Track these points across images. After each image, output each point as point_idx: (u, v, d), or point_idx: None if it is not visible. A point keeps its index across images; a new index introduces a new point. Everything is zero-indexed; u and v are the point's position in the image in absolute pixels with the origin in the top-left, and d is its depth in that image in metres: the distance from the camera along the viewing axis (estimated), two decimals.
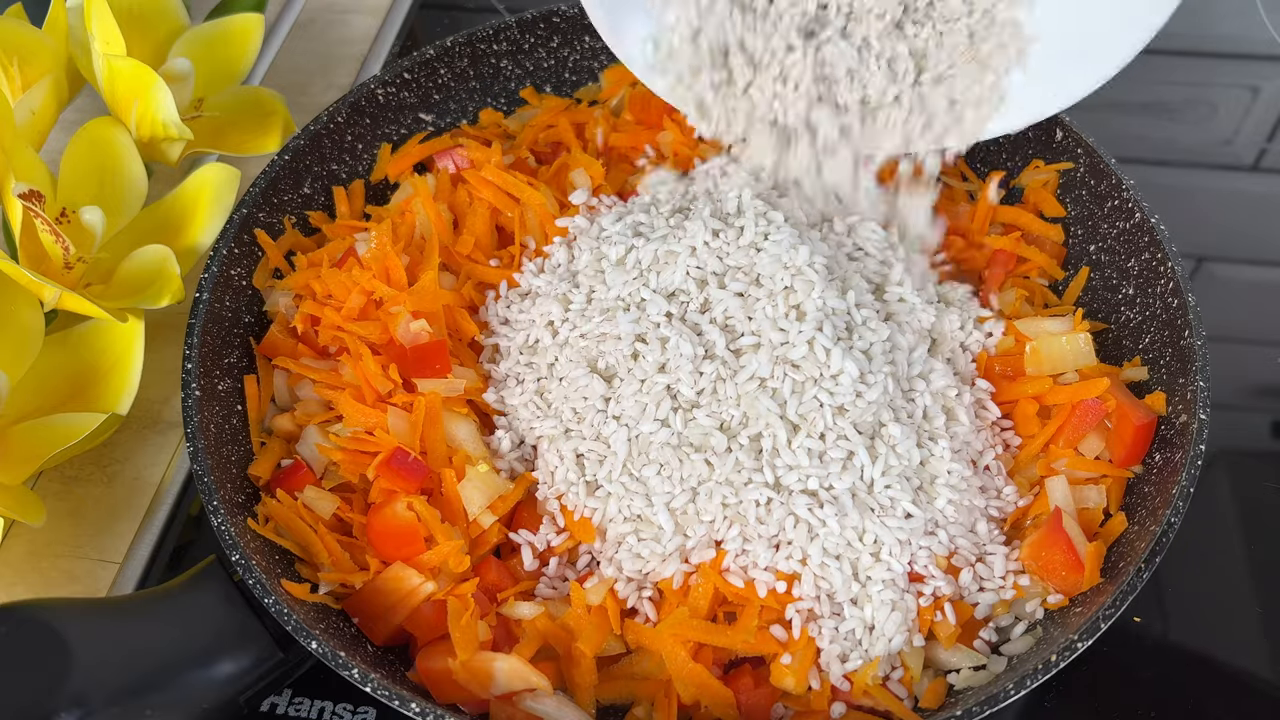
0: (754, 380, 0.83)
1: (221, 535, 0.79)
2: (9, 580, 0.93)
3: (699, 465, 0.82)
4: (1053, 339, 0.92)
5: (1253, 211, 1.23)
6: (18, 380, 0.90)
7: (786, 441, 0.82)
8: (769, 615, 0.81)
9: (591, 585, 0.82)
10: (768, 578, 0.81)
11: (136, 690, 0.73)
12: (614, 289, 0.90)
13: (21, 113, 1.00)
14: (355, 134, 1.08)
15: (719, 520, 0.82)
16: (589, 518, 0.85)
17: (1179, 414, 0.86)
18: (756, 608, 0.80)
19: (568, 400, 0.87)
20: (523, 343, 0.93)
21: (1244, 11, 1.42)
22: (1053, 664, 0.73)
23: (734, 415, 0.83)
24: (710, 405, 0.83)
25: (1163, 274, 0.92)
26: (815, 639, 0.80)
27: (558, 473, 0.87)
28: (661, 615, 0.82)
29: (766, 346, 0.84)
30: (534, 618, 0.81)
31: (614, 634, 0.81)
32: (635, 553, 0.83)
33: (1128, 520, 0.84)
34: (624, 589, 0.83)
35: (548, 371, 0.91)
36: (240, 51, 1.14)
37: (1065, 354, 0.91)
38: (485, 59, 1.13)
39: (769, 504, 0.81)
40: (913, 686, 0.79)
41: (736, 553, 0.82)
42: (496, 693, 0.78)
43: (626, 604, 0.82)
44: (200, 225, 1.00)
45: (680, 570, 0.82)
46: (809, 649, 0.79)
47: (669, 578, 0.82)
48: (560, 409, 0.88)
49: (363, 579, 0.82)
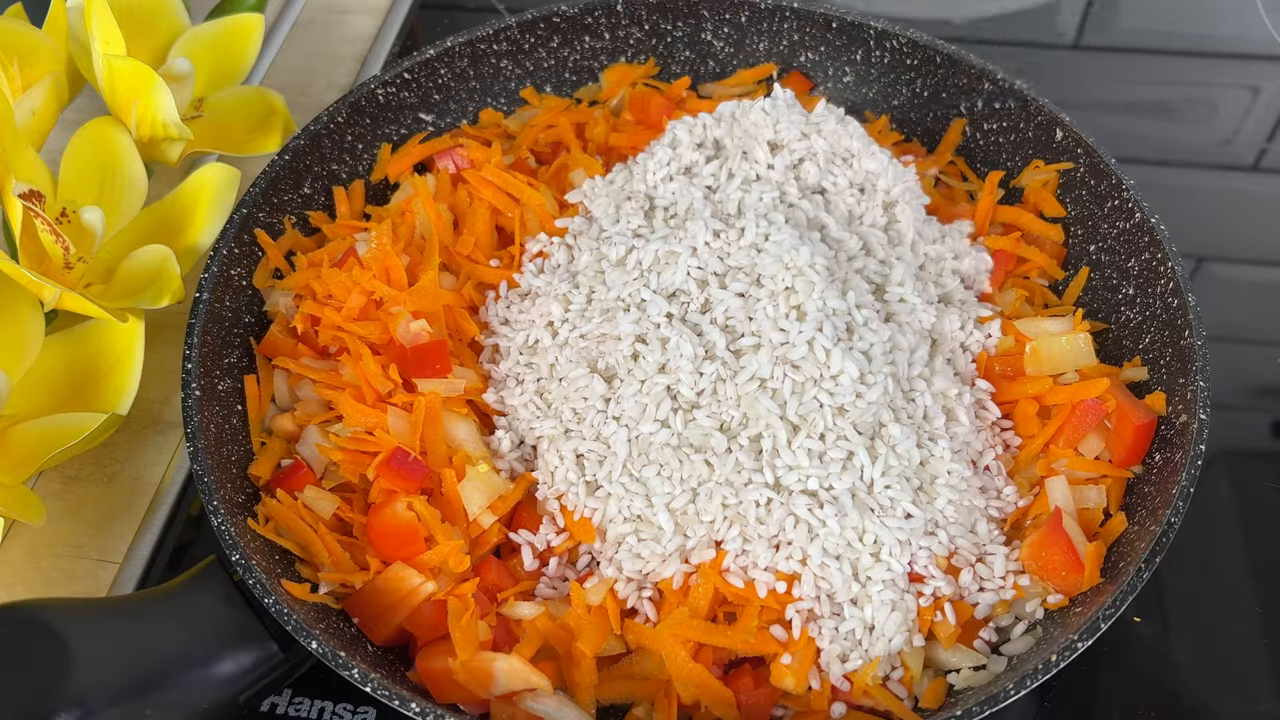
0: (754, 380, 0.83)
1: (221, 535, 0.79)
2: (9, 580, 0.93)
3: (699, 466, 0.82)
4: (1053, 339, 0.92)
5: (1253, 211, 1.23)
6: (18, 380, 0.90)
7: (786, 442, 0.82)
8: (769, 615, 0.81)
9: (591, 585, 0.82)
10: (768, 578, 0.81)
11: (136, 690, 0.73)
12: (614, 289, 0.90)
13: (21, 113, 1.00)
14: (355, 134, 1.08)
15: (719, 520, 0.82)
16: (589, 518, 0.85)
17: (1179, 414, 0.86)
18: (756, 608, 0.80)
19: (568, 400, 0.87)
20: (523, 343, 0.93)
21: (1244, 11, 1.42)
22: (1053, 664, 0.73)
23: (734, 416, 0.83)
24: (710, 406, 0.83)
25: (1163, 274, 0.92)
26: (815, 639, 0.80)
27: (557, 473, 0.87)
28: (661, 615, 0.82)
29: (767, 347, 0.84)
30: (534, 618, 0.81)
31: (614, 634, 0.81)
32: (635, 553, 0.83)
33: (1128, 520, 0.84)
34: (624, 589, 0.83)
35: (548, 372, 0.91)
36: (240, 51, 1.14)
37: (1065, 354, 0.91)
38: (485, 59, 1.13)
39: (769, 504, 0.81)
40: (913, 686, 0.79)
41: (736, 553, 0.82)
42: (497, 693, 0.78)
43: (626, 604, 0.82)
44: (200, 225, 1.00)
45: (680, 570, 0.82)
46: (809, 649, 0.79)
47: (669, 578, 0.82)
48: (560, 409, 0.88)
49: (363, 579, 0.82)
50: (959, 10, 1.39)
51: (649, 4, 1.14)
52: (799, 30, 1.15)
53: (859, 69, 1.14)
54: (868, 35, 1.12)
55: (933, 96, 1.11)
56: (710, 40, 1.17)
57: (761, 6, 1.14)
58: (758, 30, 1.16)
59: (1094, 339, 0.94)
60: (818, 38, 1.14)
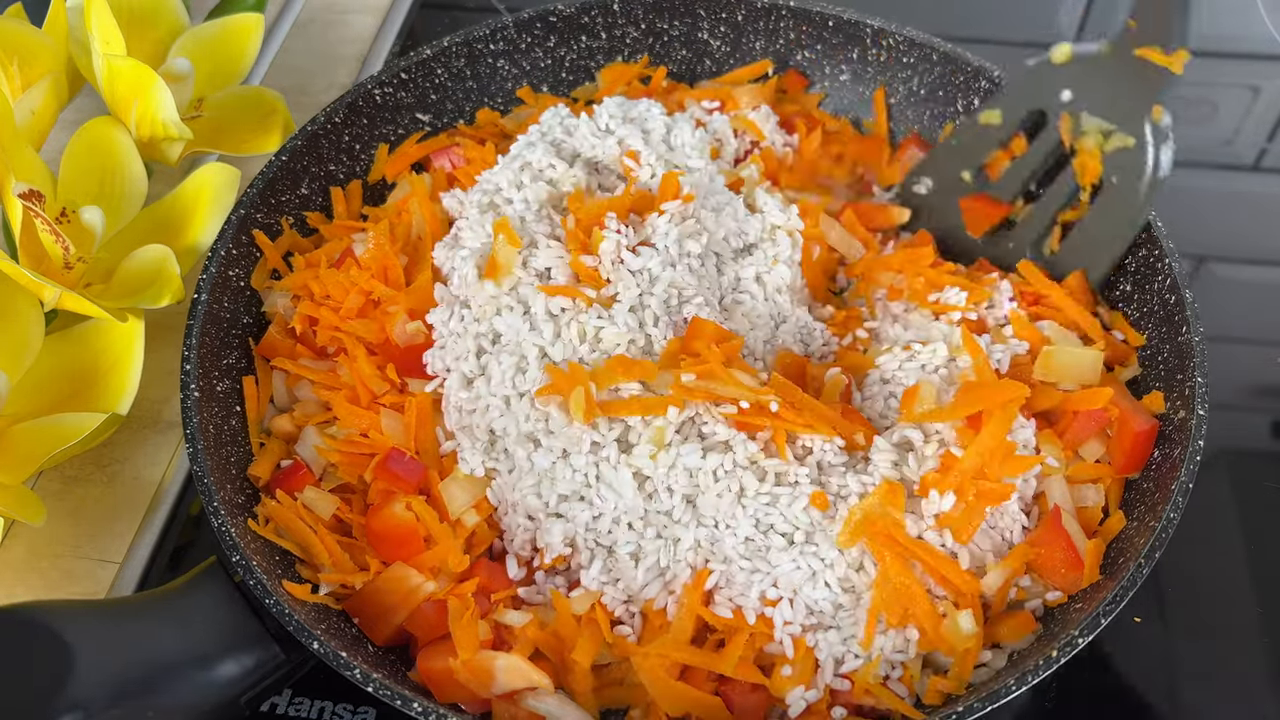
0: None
1: (222, 536, 0.79)
2: (9, 580, 0.93)
3: (667, 523, 0.81)
4: (1066, 350, 0.90)
5: (1253, 211, 1.23)
6: (18, 380, 0.90)
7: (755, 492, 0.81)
8: (761, 639, 0.80)
9: (577, 595, 0.82)
10: (755, 604, 0.79)
11: (136, 692, 0.73)
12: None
13: (21, 113, 1.00)
14: (353, 134, 1.08)
15: (696, 559, 0.81)
16: (562, 555, 0.84)
17: (1177, 410, 0.86)
18: (746, 634, 0.79)
19: (528, 471, 0.85)
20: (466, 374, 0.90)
21: (1244, 11, 1.42)
22: (1053, 660, 0.73)
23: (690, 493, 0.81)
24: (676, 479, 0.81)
25: (1160, 270, 0.92)
26: (814, 649, 0.79)
27: (518, 538, 0.86)
28: (645, 636, 0.81)
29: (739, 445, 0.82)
30: (524, 626, 0.81)
31: (606, 643, 0.81)
32: (613, 576, 0.82)
33: (1127, 517, 0.84)
34: (611, 600, 0.82)
35: (500, 431, 0.87)
36: (240, 51, 1.14)
37: (1076, 365, 0.89)
38: (482, 59, 1.13)
39: (747, 542, 0.80)
40: (913, 685, 0.79)
41: (721, 585, 0.80)
42: (498, 691, 0.78)
43: (614, 614, 0.82)
44: (200, 225, 1.00)
45: (663, 590, 0.81)
46: (808, 659, 0.79)
47: (651, 599, 0.81)
48: (521, 476, 0.85)
49: (363, 579, 0.82)
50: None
51: (645, 3, 1.14)
52: (795, 28, 1.14)
53: (855, 67, 1.14)
54: (864, 33, 1.12)
55: (930, 94, 1.11)
56: (707, 39, 1.17)
57: (758, 5, 1.14)
58: (754, 29, 1.16)
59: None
60: (814, 36, 1.14)
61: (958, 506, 0.80)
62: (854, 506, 0.79)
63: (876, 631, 0.78)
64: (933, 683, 0.78)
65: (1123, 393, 0.90)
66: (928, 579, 0.80)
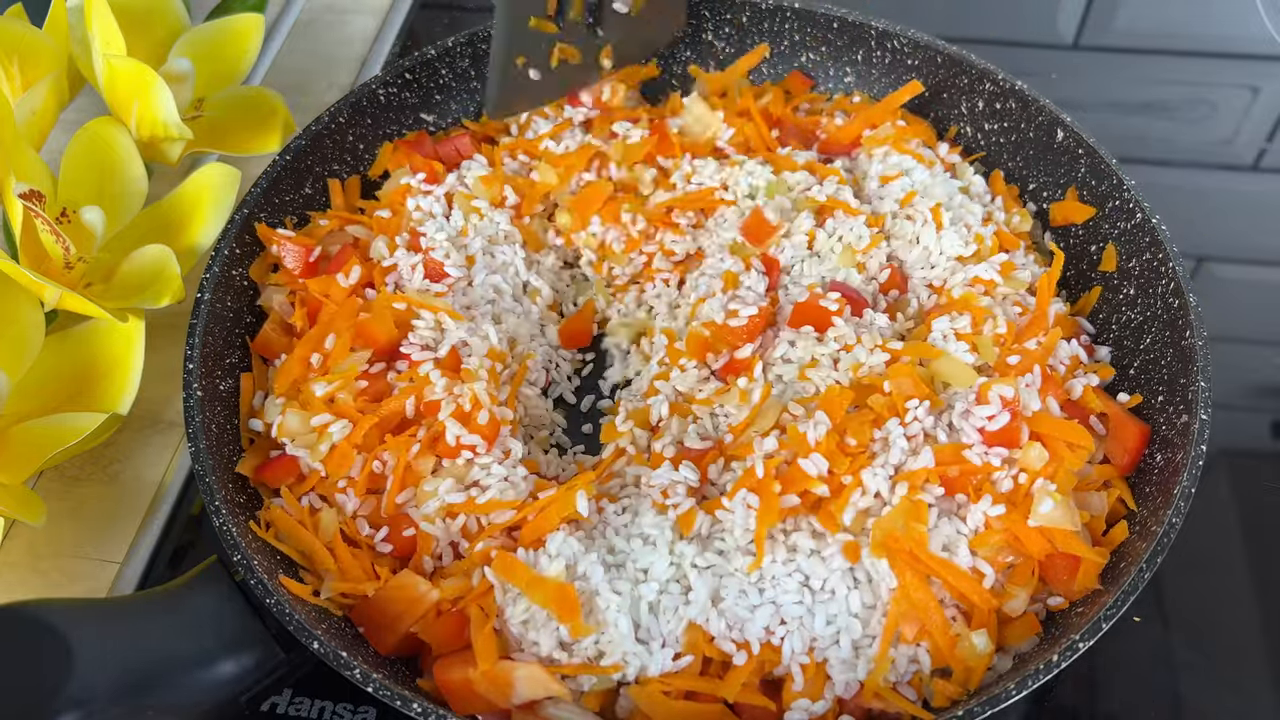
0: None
1: (223, 535, 0.79)
2: (9, 580, 0.93)
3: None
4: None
5: (1253, 211, 1.23)
6: (18, 380, 0.90)
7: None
8: (769, 666, 0.79)
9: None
10: (759, 635, 0.79)
11: (137, 691, 0.73)
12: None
13: (21, 113, 1.00)
14: (357, 134, 1.08)
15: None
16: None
17: (1180, 414, 0.85)
18: (752, 663, 0.78)
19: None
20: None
21: (1244, 11, 1.42)
22: (1054, 664, 0.73)
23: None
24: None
25: (1164, 274, 0.92)
26: (824, 664, 0.78)
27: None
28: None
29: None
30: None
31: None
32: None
33: (1129, 522, 0.84)
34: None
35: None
36: (240, 51, 1.14)
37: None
38: (486, 59, 1.13)
39: (743, 593, 0.80)
40: (921, 689, 0.79)
41: (724, 624, 0.80)
42: (518, 701, 0.77)
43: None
44: (200, 225, 1.00)
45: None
46: (819, 675, 0.78)
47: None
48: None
49: (374, 587, 0.81)
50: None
51: None
52: (800, 30, 1.15)
53: (860, 69, 1.14)
54: (869, 35, 1.12)
55: (934, 96, 1.11)
56: (711, 40, 1.17)
57: (763, 7, 1.14)
58: (759, 30, 1.15)
59: (1094, 338, 0.93)
60: (819, 38, 1.14)
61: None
62: (874, 523, 0.80)
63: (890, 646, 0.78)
64: (941, 687, 0.78)
65: (1105, 398, 0.90)
66: (944, 593, 0.80)
